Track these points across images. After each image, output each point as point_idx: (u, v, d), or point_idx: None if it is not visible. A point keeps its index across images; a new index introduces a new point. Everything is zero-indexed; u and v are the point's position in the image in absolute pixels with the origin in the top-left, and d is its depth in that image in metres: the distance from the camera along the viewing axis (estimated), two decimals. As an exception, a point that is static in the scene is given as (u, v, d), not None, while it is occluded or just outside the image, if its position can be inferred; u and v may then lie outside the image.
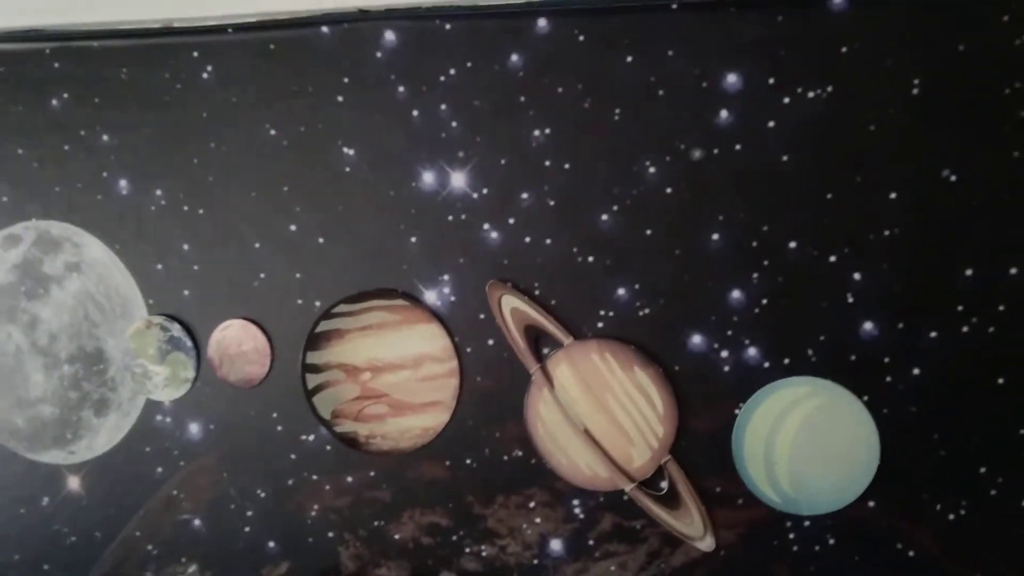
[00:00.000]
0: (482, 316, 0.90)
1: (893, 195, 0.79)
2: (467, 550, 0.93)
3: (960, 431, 0.80)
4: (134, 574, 1.03)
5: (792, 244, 0.82)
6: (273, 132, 0.92)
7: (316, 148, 0.91)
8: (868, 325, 0.81)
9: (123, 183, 0.96)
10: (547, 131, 0.85)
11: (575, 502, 0.90)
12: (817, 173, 0.80)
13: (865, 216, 0.80)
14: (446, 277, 0.90)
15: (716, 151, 0.82)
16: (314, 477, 0.96)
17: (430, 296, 0.91)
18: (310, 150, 0.91)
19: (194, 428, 0.99)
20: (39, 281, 1.00)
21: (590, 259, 0.86)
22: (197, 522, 1.00)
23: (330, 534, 0.97)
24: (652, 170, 0.84)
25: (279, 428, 0.96)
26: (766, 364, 0.84)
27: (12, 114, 0.97)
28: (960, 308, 0.79)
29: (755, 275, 0.83)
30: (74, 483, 1.03)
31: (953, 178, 0.77)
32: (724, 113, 0.81)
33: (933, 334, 0.79)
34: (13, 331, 1.01)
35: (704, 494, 0.87)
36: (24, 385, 1.02)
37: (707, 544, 0.87)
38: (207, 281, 0.96)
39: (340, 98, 0.90)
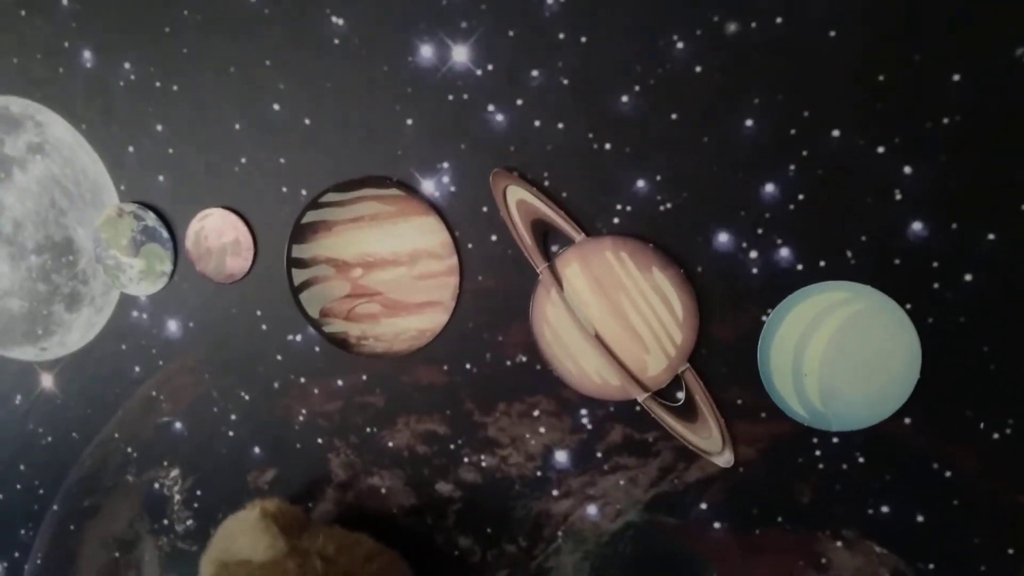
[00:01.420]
0: (485, 209, 0.81)
1: (956, 77, 0.69)
2: (466, 460, 0.87)
3: (1013, 344, 0.72)
4: (114, 476, 0.97)
5: (835, 132, 0.72)
6: (253, -2, 0.82)
7: (301, 17, 0.81)
8: (917, 225, 0.72)
9: (87, 54, 0.86)
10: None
11: (583, 412, 0.83)
12: (868, 51, 0.70)
13: (922, 101, 0.70)
14: (445, 164, 0.81)
15: (753, 24, 0.72)
16: (302, 380, 0.89)
17: (427, 185, 0.82)
18: (295, 20, 0.81)
19: (172, 325, 0.91)
20: (0, 163, 0.91)
21: (607, 147, 0.77)
22: (178, 425, 0.94)
23: (319, 440, 0.90)
24: (680, 46, 0.74)
25: (263, 327, 0.89)
26: (799, 266, 0.76)
27: (-39, -27, 0.87)
28: (1023, 208, 0.70)
29: (791, 167, 0.74)
30: (48, 381, 0.97)
31: (1028, 58, 0.67)
32: (765, -20, 0.71)
33: (991, 236, 0.71)
34: (-26, 218, 0.93)
35: (724, 406, 0.80)
36: (-11, 276, 0.94)
37: (725, 459, 0.81)
38: (183, 166, 0.87)
39: (327, -42, 0.79)
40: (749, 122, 0.74)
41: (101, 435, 0.96)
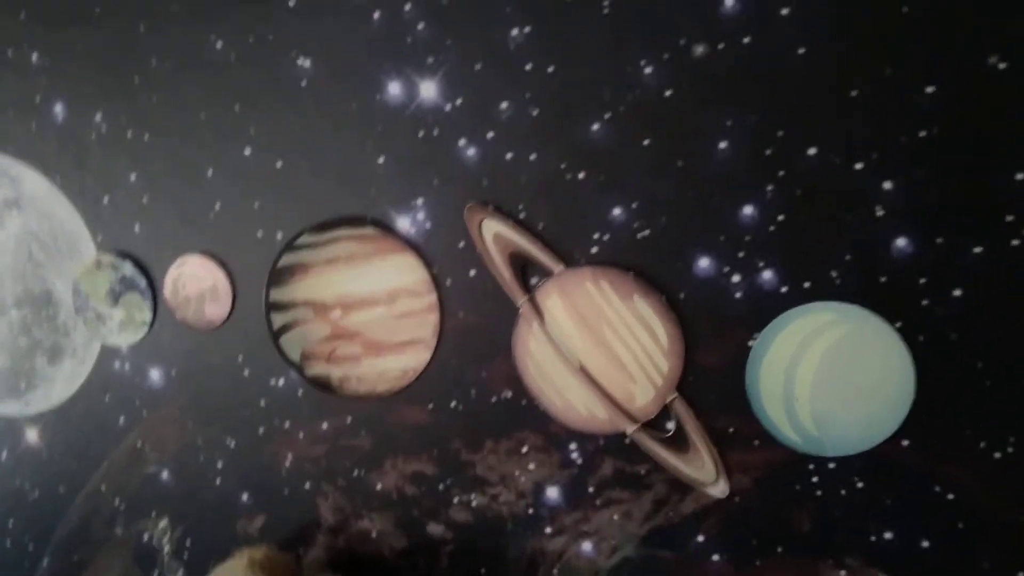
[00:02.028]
0: (462, 244, 0.80)
1: (930, 89, 0.67)
2: (456, 499, 0.85)
3: (1008, 360, 0.70)
4: (103, 530, 0.96)
5: (811, 151, 0.71)
6: (220, 44, 0.81)
7: (268, 60, 0.80)
8: (901, 241, 0.70)
9: (59, 108, 0.86)
10: (527, 29, 0.74)
11: (572, 446, 0.82)
12: (839, 67, 0.69)
13: (896, 115, 0.69)
14: (420, 201, 0.80)
15: (721, 46, 0.71)
16: (286, 424, 0.88)
17: (403, 223, 0.81)
18: (262, 63, 0.81)
19: (155, 374, 0.90)
20: (-23, 219, 0.90)
21: (580, 175, 0.76)
22: (165, 474, 0.93)
23: (307, 485, 0.89)
24: (648, 70, 0.73)
25: (246, 372, 0.88)
26: (783, 289, 0.74)
27: (-70, 32, 0.87)
28: (1009, 218, 0.68)
29: (769, 188, 0.72)
30: (32, 435, 0.96)
31: (1002, 66, 0.65)
32: (730, 0, 0.70)
33: (977, 249, 0.69)
34: (-47, 274, 0.92)
35: (716, 435, 0.78)
36: (-29, 333, 0.93)
37: (720, 490, 0.79)
38: (158, 214, 0.87)
39: (291, 2, 0.78)
40: (723, 144, 0.72)
41: (88, 488, 0.95)
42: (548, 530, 0.84)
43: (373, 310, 0.83)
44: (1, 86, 0.87)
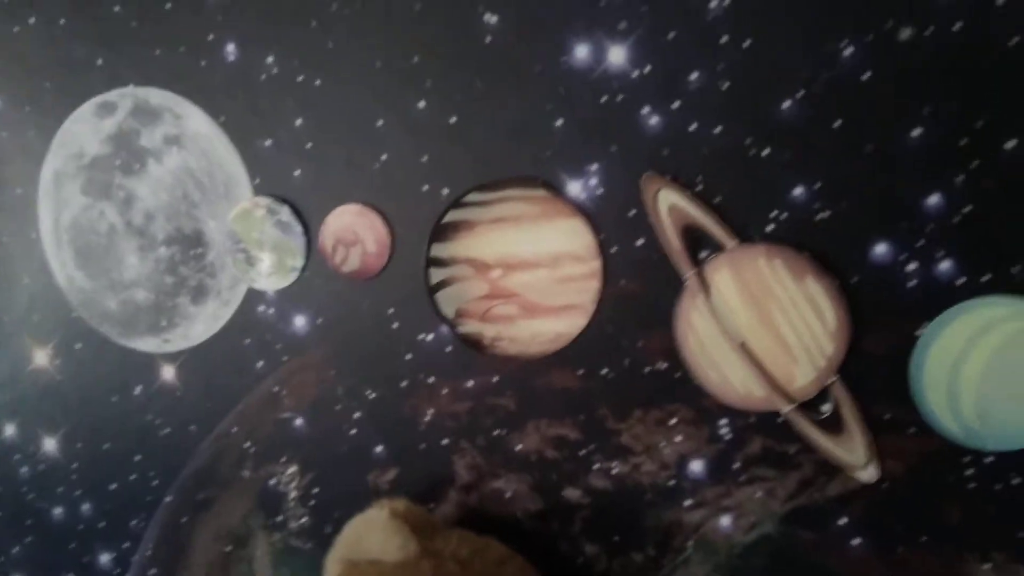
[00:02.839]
0: (633, 212, 0.80)
1: None
2: (596, 466, 0.86)
3: None
4: (230, 471, 0.97)
5: (1010, 143, 0.70)
6: (404, -7, 0.81)
7: (453, 13, 0.80)
8: (1092, 241, 0.70)
9: (231, 48, 0.86)
10: (726, 1, 0.74)
11: (722, 422, 0.82)
12: (1050, 60, 0.69)
13: (1104, 113, 0.68)
14: (595, 167, 0.80)
15: (930, 30, 0.70)
16: (431, 380, 0.88)
17: (574, 187, 0.81)
18: (446, 15, 0.81)
19: (300, 321, 0.91)
20: (135, 155, 0.91)
21: (765, 152, 0.76)
22: (299, 421, 0.94)
23: (445, 441, 0.89)
24: (849, 51, 0.72)
25: (395, 325, 0.88)
26: (960, 280, 0.74)
27: (109, -35, 0.87)
28: None
29: (960, 178, 0.72)
30: (168, 373, 0.96)
31: None
32: (944, -16, 0.70)
33: None
34: (107, 208, 0.93)
35: (872, 420, 0.78)
36: (117, 267, 0.94)
37: (869, 474, 0.79)
38: (322, 161, 0.87)
39: (484, -44, 0.79)
40: (918, 131, 0.72)
41: (219, 428, 0.96)
42: (688, 503, 0.84)
43: (534, 272, 0.83)
44: (175, 23, 0.87)
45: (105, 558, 1.04)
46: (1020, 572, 0.77)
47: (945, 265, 0.74)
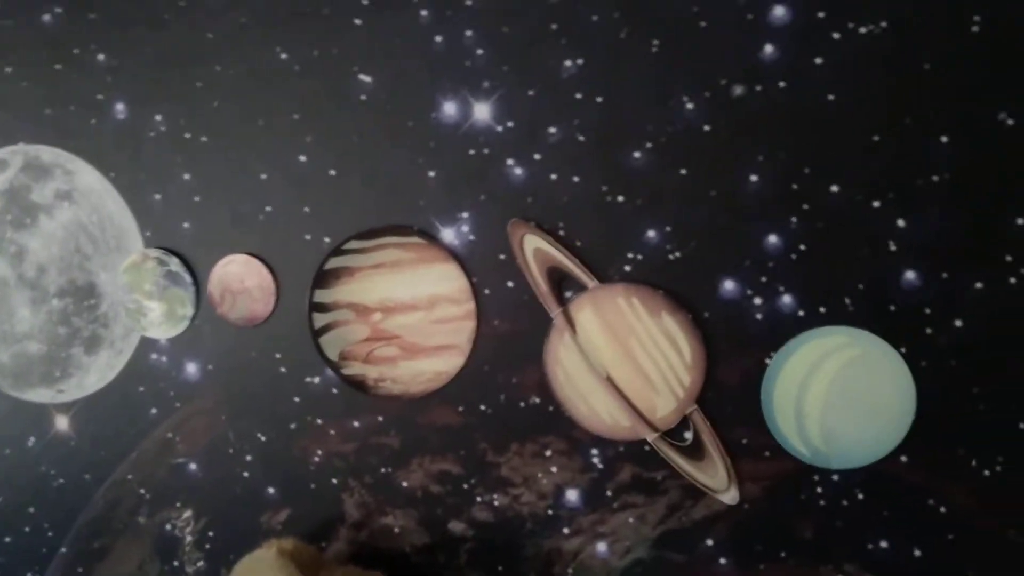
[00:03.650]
0: (502, 256, 0.85)
1: (944, 138, 0.75)
2: (479, 499, 0.90)
3: (1001, 386, 0.77)
4: (126, 518, 0.99)
5: (834, 188, 0.78)
6: (284, 56, 0.86)
7: (330, 74, 0.86)
8: (910, 274, 0.78)
9: (120, 107, 0.90)
10: (579, 61, 0.81)
11: (594, 451, 0.87)
12: (864, 113, 0.77)
13: (913, 160, 0.76)
14: (465, 215, 0.85)
15: (759, 88, 0.78)
16: (319, 421, 0.92)
17: (447, 234, 0.86)
18: (324, 76, 0.86)
19: (191, 368, 0.94)
20: (26, 210, 0.94)
21: (620, 199, 0.82)
22: (193, 466, 0.96)
23: (334, 480, 0.93)
24: (690, 106, 0.79)
25: (282, 369, 0.92)
26: (800, 312, 0.81)
27: (1, 29, 0.90)
28: (1009, 258, 0.75)
29: (793, 219, 0.79)
30: (63, 423, 0.98)
31: (1010, 122, 0.74)
32: (769, 48, 0.77)
33: (978, 285, 0.76)
34: (-2, 262, 0.95)
35: (730, 445, 0.84)
36: (9, 320, 0.96)
37: (731, 497, 0.85)
38: (209, 213, 0.91)
39: (358, 20, 0.84)
40: (754, 177, 0.79)
41: (114, 476, 0.98)
42: (566, 530, 0.89)
43: (413, 315, 0.88)
44: (66, 83, 0.90)
45: (2, 612, 1.04)
46: (870, 582, 0.83)
47: (786, 299, 0.81)
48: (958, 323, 0.77)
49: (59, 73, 0.90)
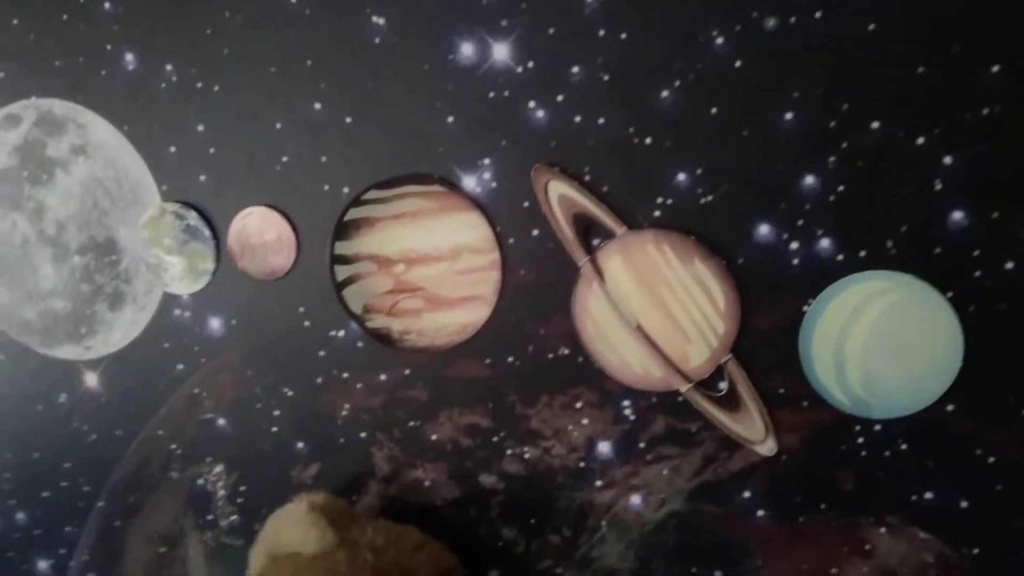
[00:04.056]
0: (526, 204, 0.82)
1: (995, 68, 0.70)
2: (509, 452, 0.88)
3: (1055, 331, 0.73)
4: (158, 474, 0.99)
5: (875, 124, 0.73)
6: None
7: (342, 17, 0.82)
8: (957, 215, 0.73)
9: (129, 57, 0.88)
10: (602, -4, 0.76)
11: (625, 403, 0.84)
12: (907, 44, 0.71)
13: (961, 93, 0.71)
14: (487, 161, 0.82)
15: (793, 19, 0.73)
16: (344, 375, 0.90)
17: (469, 182, 0.83)
18: (335, 19, 0.82)
19: (215, 323, 0.92)
20: (42, 165, 0.92)
21: (647, 141, 0.78)
22: (221, 421, 0.95)
23: (362, 434, 0.91)
24: (720, 41, 0.75)
25: (306, 323, 0.90)
26: (840, 257, 0.77)
27: (4, -21, 0.88)
28: (1064, 196, 0.71)
29: (831, 159, 0.75)
30: (92, 379, 0.98)
31: (1068, 47, 0.68)
32: (805, -26, 0.72)
33: (1031, 224, 0.72)
34: (18, 219, 0.94)
35: (767, 395, 0.81)
36: (33, 277, 0.95)
37: (768, 448, 0.82)
38: (225, 165, 0.88)
39: (368, -41, 0.80)
40: (789, 115, 0.75)
41: (145, 432, 0.98)
42: (598, 483, 0.87)
43: (436, 266, 0.85)
44: (72, 34, 0.88)
45: (43, 565, 1.05)
46: (913, 533, 0.80)
47: (825, 243, 0.77)
48: (1009, 265, 0.73)
49: (66, 24, 0.88)
